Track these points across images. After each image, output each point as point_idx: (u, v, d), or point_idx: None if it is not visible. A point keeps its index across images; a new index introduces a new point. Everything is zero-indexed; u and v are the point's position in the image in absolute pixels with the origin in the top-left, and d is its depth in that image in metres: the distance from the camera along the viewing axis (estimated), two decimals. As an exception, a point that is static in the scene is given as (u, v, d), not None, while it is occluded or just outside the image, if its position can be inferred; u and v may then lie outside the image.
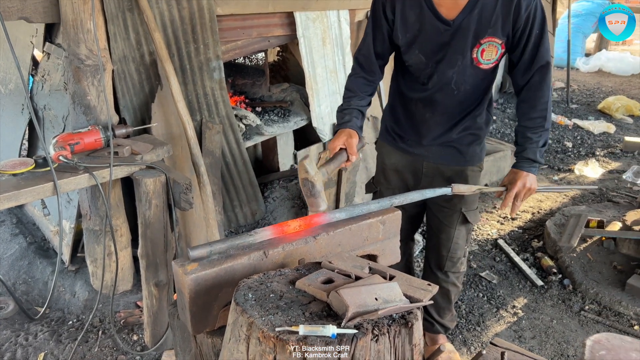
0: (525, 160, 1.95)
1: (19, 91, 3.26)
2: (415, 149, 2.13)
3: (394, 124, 2.19)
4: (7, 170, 1.98)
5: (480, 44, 1.84)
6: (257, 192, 3.21)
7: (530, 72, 1.89)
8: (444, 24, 1.83)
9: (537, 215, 3.95)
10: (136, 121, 2.67)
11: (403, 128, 2.15)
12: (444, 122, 2.05)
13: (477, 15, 1.80)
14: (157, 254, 2.23)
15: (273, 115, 3.44)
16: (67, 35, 2.23)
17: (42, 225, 3.06)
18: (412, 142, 2.13)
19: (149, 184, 2.12)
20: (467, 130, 2.07)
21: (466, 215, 2.16)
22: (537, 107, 1.92)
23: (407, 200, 1.83)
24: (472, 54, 1.86)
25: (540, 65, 1.87)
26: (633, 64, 8.96)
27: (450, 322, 2.45)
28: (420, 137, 2.10)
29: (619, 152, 5.33)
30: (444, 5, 1.81)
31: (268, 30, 3.12)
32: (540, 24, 1.82)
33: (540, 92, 1.91)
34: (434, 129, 2.07)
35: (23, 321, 2.49)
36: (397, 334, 1.16)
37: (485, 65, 1.89)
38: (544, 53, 1.86)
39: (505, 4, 1.78)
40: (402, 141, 2.16)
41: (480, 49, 1.86)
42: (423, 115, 2.05)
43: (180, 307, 1.49)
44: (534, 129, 1.93)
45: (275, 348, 1.09)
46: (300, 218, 1.61)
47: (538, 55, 1.86)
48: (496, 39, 1.83)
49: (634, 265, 2.98)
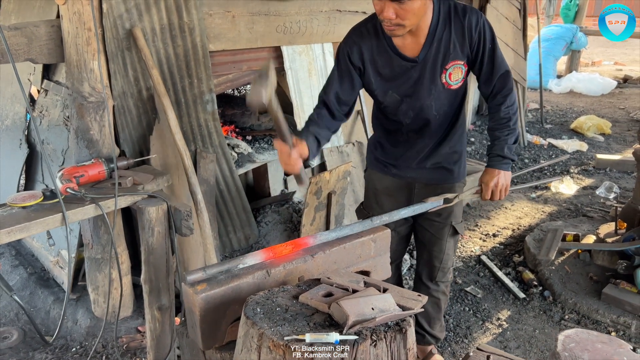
0: (495, 157, 2.12)
1: (16, 127, 3.37)
2: (406, 172, 2.28)
3: (381, 155, 2.32)
4: (18, 204, 2.09)
5: (446, 69, 2.03)
6: (250, 218, 3.34)
7: (493, 81, 2.09)
8: (410, 62, 2.01)
9: (516, 231, 4.14)
10: (135, 153, 2.80)
11: (392, 156, 2.29)
12: (432, 143, 2.21)
13: (436, 47, 1.99)
14: (159, 279, 2.34)
15: (263, 143, 3.59)
16: (71, 75, 2.37)
17: (41, 256, 3.14)
18: (403, 166, 2.28)
19: (151, 212, 2.24)
20: (452, 149, 2.24)
21: (456, 227, 2.34)
22: (502, 109, 2.11)
23: (399, 216, 1.98)
24: (442, 79, 2.05)
25: (499, 74, 2.08)
26: (602, 85, 9.35)
27: (439, 332, 2.59)
28: (410, 161, 2.25)
29: (592, 169, 5.59)
30: (406, 47, 1.99)
31: (257, 63, 3.29)
32: (490, 38, 2.03)
33: (502, 96, 2.11)
34: (422, 151, 2.22)
35: (27, 350, 2.56)
36: (393, 339, 1.29)
37: (455, 85, 2.08)
38: (500, 63, 2.07)
39: (457, 30, 1.99)
40: (393, 167, 2.31)
41: (447, 73, 2.04)
42: (412, 141, 2.21)
43: (190, 325, 1.60)
44: (500, 129, 2.12)
45: (285, 355, 1.21)
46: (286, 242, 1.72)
47: (495, 65, 2.07)
48: (458, 61, 2.03)
49: (609, 275, 3.15)
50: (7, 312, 2.79)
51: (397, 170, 2.30)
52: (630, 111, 8.00)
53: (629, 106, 8.34)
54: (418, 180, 2.29)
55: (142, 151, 2.84)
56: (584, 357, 1.07)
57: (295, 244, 1.72)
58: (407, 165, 2.27)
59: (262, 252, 1.65)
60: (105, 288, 2.67)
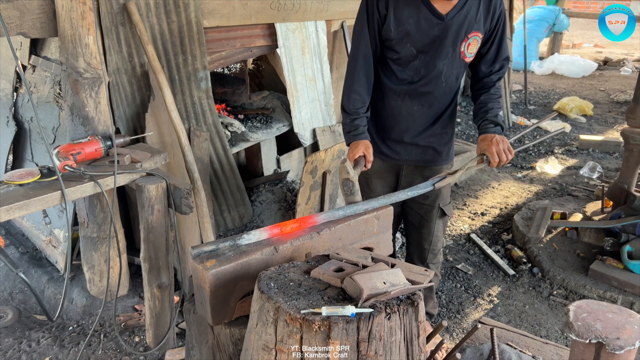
0: (489, 124, 2.14)
1: (2, 104, 3.28)
2: (396, 150, 2.28)
3: (373, 129, 2.30)
4: (15, 181, 2.06)
5: (467, 38, 2.06)
6: (244, 197, 3.34)
7: (496, 63, 2.18)
8: (437, 18, 2.01)
9: (504, 210, 4.21)
10: (129, 131, 2.76)
11: (384, 126, 2.27)
12: (429, 115, 2.22)
13: (465, 12, 2.02)
14: (159, 257, 2.33)
15: (256, 122, 3.57)
16: (65, 50, 2.31)
17: (32, 236, 3.10)
18: (393, 141, 2.27)
19: (151, 190, 2.23)
20: (444, 129, 2.26)
21: (444, 209, 2.37)
22: (495, 86, 2.21)
23: (394, 199, 2.00)
24: (461, 47, 2.08)
25: (503, 57, 2.18)
26: (584, 67, 9.47)
27: (432, 309, 2.66)
28: (402, 133, 2.24)
29: (575, 149, 5.70)
30: (438, 2, 2.00)
31: (251, 40, 3.26)
32: (503, 24, 2.12)
33: (497, 77, 2.22)
34: (418, 123, 2.22)
35: (23, 329, 2.54)
36: (405, 312, 1.32)
37: (468, 58, 2.12)
38: (505, 48, 2.17)
39: (486, 4, 2.05)
40: (381, 144, 2.30)
41: (467, 43, 2.07)
42: (410, 108, 2.19)
43: (199, 301, 1.61)
44: (492, 101, 2.19)
45: (302, 328, 1.23)
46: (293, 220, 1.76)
47: (501, 49, 2.16)
48: (479, 34, 2.07)
49: (596, 252, 3.25)
50: (0, 292, 2.76)
51: (387, 149, 2.30)
52: (610, 93, 8.14)
53: (609, 88, 8.49)
54: (406, 161, 2.30)
55: (137, 129, 2.81)
56: (597, 326, 1.11)
57: (302, 222, 1.74)
58: (399, 139, 2.26)
59: (268, 229, 1.66)
60: (101, 267, 2.65)
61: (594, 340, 1.10)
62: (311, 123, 3.67)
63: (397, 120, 2.24)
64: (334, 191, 3.37)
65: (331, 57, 3.82)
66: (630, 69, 9.87)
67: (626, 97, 7.76)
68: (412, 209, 2.42)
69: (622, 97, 7.81)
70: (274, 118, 3.67)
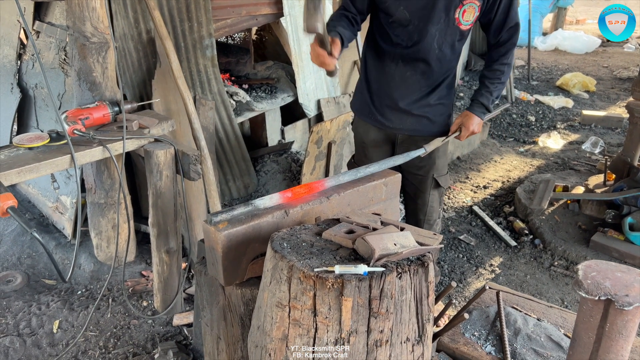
0: (478, 104, 2.21)
1: (6, 70, 3.27)
2: (390, 117, 2.27)
3: (367, 95, 2.31)
4: (24, 144, 2.06)
5: (462, 4, 2.03)
6: (249, 166, 3.35)
7: (502, 31, 2.12)
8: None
9: (506, 183, 4.23)
10: (135, 98, 2.76)
11: (379, 92, 2.27)
12: (423, 83, 2.20)
13: None
14: (168, 223, 2.35)
15: (260, 92, 3.56)
16: (72, 14, 2.29)
17: (39, 202, 3.12)
18: (387, 108, 2.26)
19: (160, 155, 2.24)
20: (441, 100, 2.26)
21: (438, 180, 2.38)
22: (499, 61, 2.17)
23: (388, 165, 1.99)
24: (455, 13, 2.05)
25: (510, 26, 2.11)
26: (587, 43, 9.40)
27: (434, 277, 2.69)
28: (396, 100, 2.23)
29: (578, 124, 5.70)
30: None
31: (256, 8, 3.23)
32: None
33: (505, 49, 2.16)
34: (412, 90, 2.21)
35: (33, 293, 2.58)
36: (416, 273, 1.34)
37: (464, 26, 2.09)
38: (513, 15, 2.11)
39: None
40: (377, 111, 2.30)
41: (462, 10, 2.05)
42: (403, 74, 2.19)
43: (211, 262, 1.63)
44: (491, 79, 2.19)
45: (315, 285, 1.25)
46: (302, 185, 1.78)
47: (509, 17, 2.10)
48: (476, 1, 2.03)
49: (597, 224, 3.28)
50: (8, 257, 2.79)
51: (381, 117, 2.30)
52: (613, 69, 8.11)
53: (612, 64, 8.44)
54: (400, 130, 2.30)
55: (143, 96, 2.80)
56: (606, 284, 1.14)
57: (311, 187, 1.75)
58: (393, 105, 2.25)
59: (281, 194, 1.67)
60: (108, 233, 2.68)
61: (603, 297, 1.13)
62: (316, 94, 3.66)
63: (390, 85, 2.24)
64: (339, 162, 3.38)
65: (336, 27, 3.79)
66: (633, 45, 9.80)
67: (629, 73, 7.73)
68: (408, 180, 2.44)
69: (625, 73, 7.78)
70: (278, 88, 3.65)
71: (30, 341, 2.29)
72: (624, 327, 1.17)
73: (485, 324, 1.83)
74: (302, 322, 1.27)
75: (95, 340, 2.34)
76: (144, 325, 2.46)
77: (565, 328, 1.82)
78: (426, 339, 1.39)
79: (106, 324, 2.43)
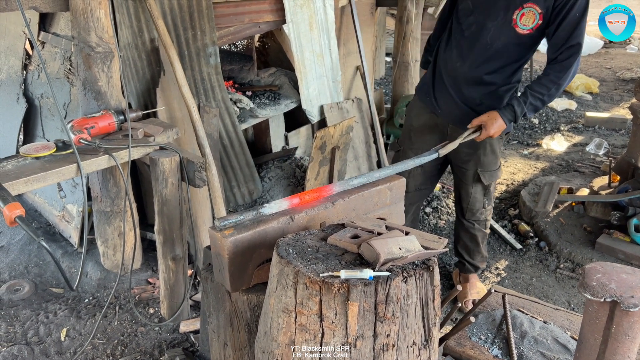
0: (509, 109, 2.18)
1: (12, 81, 3.30)
2: (441, 105, 2.37)
3: (432, 74, 2.44)
4: (31, 154, 2.08)
5: (522, 7, 2.06)
6: (253, 173, 3.36)
7: (561, 48, 2.08)
8: None
9: (511, 186, 4.23)
10: (140, 106, 2.78)
11: (440, 77, 2.38)
12: (469, 75, 2.26)
13: None
14: (173, 230, 2.36)
15: (264, 99, 3.57)
16: (76, 24, 2.31)
17: (45, 211, 3.14)
18: (441, 94, 2.37)
19: (165, 163, 2.25)
20: (481, 101, 2.29)
21: (480, 175, 2.46)
22: (549, 77, 2.13)
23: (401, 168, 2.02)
24: (513, 14, 2.09)
25: (570, 44, 2.07)
26: (589, 44, 9.38)
27: (480, 262, 2.78)
28: (449, 88, 2.33)
29: (581, 126, 5.69)
30: None
31: (259, 16, 3.25)
32: (581, 8, 2.02)
33: (560, 67, 2.11)
34: (465, 83, 2.28)
35: (40, 301, 2.59)
36: (421, 277, 1.35)
37: (521, 29, 2.11)
38: (577, 35, 2.06)
39: None
40: (434, 95, 2.40)
41: (521, 13, 2.08)
42: (454, 63, 2.28)
43: (217, 268, 1.65)
44: (536, 90, 2.16)
45: (321, 290, 1.26)
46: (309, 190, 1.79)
47: (572, 35, 2.06)
48: (537, 7, 2.05)
49: (602, 226, 3.27)
50: (16, 266, 2.81)
51: (436, 102, 2.40)
52: (616, 71, 8.10)
53: (615, 66, 8.43)
54: (452, 121, 2.39)
55: (147, 104, 2.82)
56: (612, 285, 1.14)
57: (319, 192, 1.76)
58: (446, 93, 2.36)
59: (288, 199, 1.69)
60: (114, 241, 2.69)
61: (608, 299, 1.13)
62: (319, 99, 3.67)
63: (448, 73, 2.34)
64: (342, 167, 3.39)
65: (339, 32, 3.81)
66: (636, 47, 9.78)
67: (632, 74, 7.72)
68: (454, 172, 2.60)
69: (628, 74, 7.77)
70: (281, 95, 3.67)
71: (38, 350, 2.31)
72: (630, 328, 1.18)
73: (491, 327, 1.83)
74: (309, 327, 1.27)
75: (103, 348, 2.35)
76: (151, 333, 2.47)
77: (571, 330, 1.82)
78: (432, 343, 1.39)
79: (113, 332, 2.44)
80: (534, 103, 2.16)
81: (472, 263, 2.78)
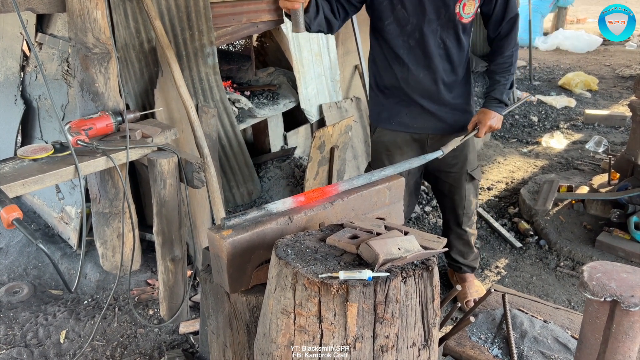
0: (493, 100, 2.24)
1: (10, 83, 3.29)
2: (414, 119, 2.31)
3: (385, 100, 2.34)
4: (28, 156, 2.07)
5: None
6: (252, 173, 3.36)
7: (502, 24, 2.17)
8: None
9: (510, 184, 4.23)
10: (138, 107, 2.77)
11: (396, 98, 2.31)
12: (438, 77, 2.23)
13: None
14: (172, 231, 2.36)
15: (262, 99, 3.57)
16: (73, 25, 2.30)
17: (44, 213, 3.13)
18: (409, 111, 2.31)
19: (163, 164, 2.24)
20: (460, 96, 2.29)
21: (472, 174, 2.45)
22: (505, 53, 2.21)
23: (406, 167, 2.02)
24: (455, 8, 2.08)
25: (509, 17, 2.16)
26: (588, 42, 9.39)
27: (474, 261, 2.77)
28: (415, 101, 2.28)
29: (581, 124, 5.69)
30: None
31: (257, 15, 3.24)
32: None
33: (508, 40, 2.20)
34: (429, 90, 2.25)
35: (39, 303, 2.59)
36: (420, 277, 1.34)
37: (465, 19, 2.12)
38: (512, 7, 2.16)
39: None
40: (398, 116, 2.32)
41: (462, 4, 2.08)
42: (416, 75, 2.23)
43: (216, 270, 1.64)
44: (501, 73, 2.22)
45: (320, 291, 1.26)
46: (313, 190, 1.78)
47: (508, 8, 2.15)
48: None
49: (602, 224, 3.27)
50: (15, 268, 2.80)
51: (405, 120, 2.33)
52: (615, 68, 8.09)
53: (614, 63, 8.43)
54: (426, 130, 2.35)
55: (145, 105, 2.81)
56: (612, 285, 1.13)
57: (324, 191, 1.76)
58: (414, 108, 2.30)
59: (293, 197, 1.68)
60: (113, 242, 2.69)
61: (608, 299, 1.13)
62: (317, 99, 3.67)
63: (405, 89, 2.28)
64: (342, 167, 3.39)
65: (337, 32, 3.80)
66: (635, 43, 9.78)
67: (631, 71, 7.71)
68: (440, 179, 2.51)
69: (627, 71, 7.77)
70: (280, 94, 3.66)
71: (37, 352, 2.30)
72: (631, 328, 1.17)
73: (491, 326, 1.83)
74: (308, 328, 1.27)
75: (102, 349, 2.35)
76: (150, 334, 2.46)
77: (572, 329, 1.82)
78: (432, 343, 1.38)
79: (113, 333, 2.44)
80: (508, 80, 2.23)
81: (467, 264, 2.77)
